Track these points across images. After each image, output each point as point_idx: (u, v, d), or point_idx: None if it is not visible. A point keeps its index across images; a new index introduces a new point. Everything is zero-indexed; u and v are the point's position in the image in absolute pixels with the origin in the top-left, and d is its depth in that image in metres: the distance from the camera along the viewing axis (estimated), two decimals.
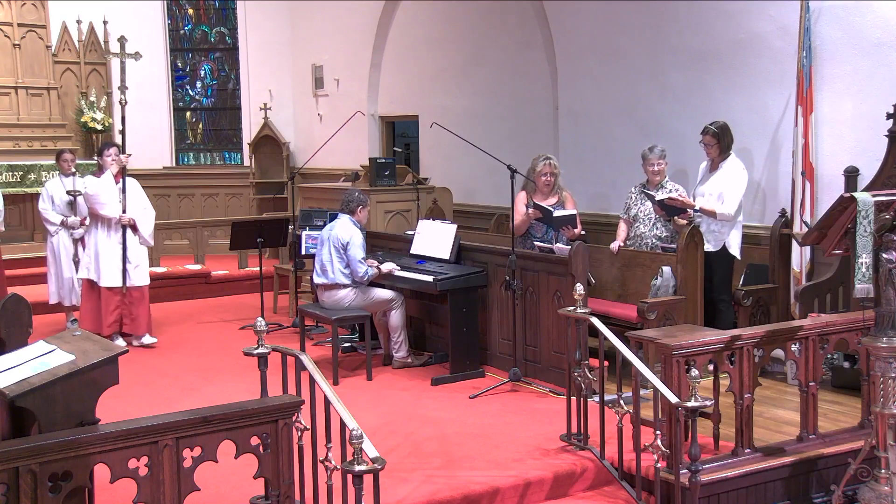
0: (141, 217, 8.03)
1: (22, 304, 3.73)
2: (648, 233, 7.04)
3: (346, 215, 7.12)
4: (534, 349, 6.67)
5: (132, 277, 7.97)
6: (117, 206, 7.88)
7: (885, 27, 6.40)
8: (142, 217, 8.04)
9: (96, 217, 7.95)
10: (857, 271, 4.14)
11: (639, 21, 8.29)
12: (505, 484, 4.74)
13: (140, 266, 8.05)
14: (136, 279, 7.99)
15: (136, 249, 8.01)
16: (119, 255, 7.89)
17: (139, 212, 8.03)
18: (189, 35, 14.42)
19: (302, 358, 4.44)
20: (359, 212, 7.16)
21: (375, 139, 12.31)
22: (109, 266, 7.88)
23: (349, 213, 7.12)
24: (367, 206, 7.31)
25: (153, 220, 8.22)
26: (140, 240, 8.04)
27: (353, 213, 7.12)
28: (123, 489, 3.51)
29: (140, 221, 8.01)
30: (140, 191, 8.18)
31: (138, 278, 8.02)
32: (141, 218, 8.03)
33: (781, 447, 4.99)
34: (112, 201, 7.87)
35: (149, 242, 8.15)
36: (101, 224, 7.94)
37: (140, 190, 8.19)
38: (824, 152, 6.77)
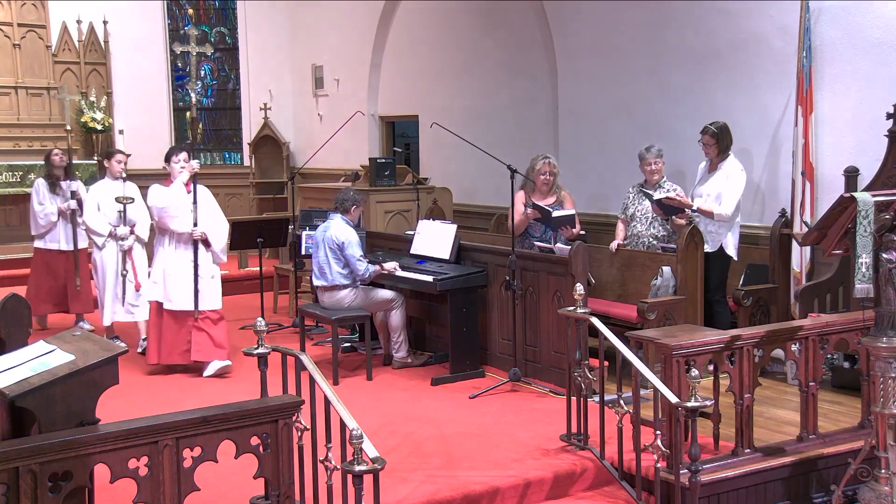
0: (213, 230, 7.09)
1: (22, 304, 3.72)
2: (645, 232, 7.04)
3: (339, 215, 7.10)
4: (534, 349, 6.67)
5: (206, 299, 7.00)
6: (189, 218, 6.95)
7: (885, 27, 6.40)
8: (214, 230, 7.11)
9: (164, 231, 7.03)
10: (857, 271, 4.13)
11: (639, 21, 8.29)
12: (505, 484, 4.74)
13: (214, 286, 7.10)
14: (210, 301, 7.03)
15: (208, 268, 7.06)
16: (190, 275, 6.95)
17: (211, 225, 7.10)
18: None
19: (302, 358, 4.44)
20: (352, 211, 7.12)
21: (375, 139, 12.31)
22: (180, 287, 6.95)
23: (343, 213, 7.10)
24: (361, 204, 7.28)
25: (227, 234, 7.39)
26: (213, 256, 7.12)
27: (346, 213, 7.10)
28: (123, 489, 3.51)
29: (212, 235, 7.06)
30: (212, 201, 7.24)
31: (213, 300, 7.06)
32: (213, 231, 7.09)
33: (781, 447, 4.99)
34: (183, 213, 6.95)
35: (222, 258, 7.21)
36: (169, 239, 7.02)
37: (212, 200, 7.26)
38: (824, 152, 6.77)
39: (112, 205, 7.68)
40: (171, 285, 6.95)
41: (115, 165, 7.84)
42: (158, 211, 6.96)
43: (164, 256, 7.02)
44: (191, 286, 6.92)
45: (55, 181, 8.68)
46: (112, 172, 7.83)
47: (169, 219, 6.95)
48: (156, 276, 7.08)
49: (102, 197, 7.77)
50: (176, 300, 6.95)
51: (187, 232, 6.95)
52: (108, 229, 7.68)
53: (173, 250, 7.00)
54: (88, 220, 7.78)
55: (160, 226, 7.04)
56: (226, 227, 7.35)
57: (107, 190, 7.79)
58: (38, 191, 8.71)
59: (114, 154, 7.97)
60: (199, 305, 6.94)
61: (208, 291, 7.00)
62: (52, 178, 8.71)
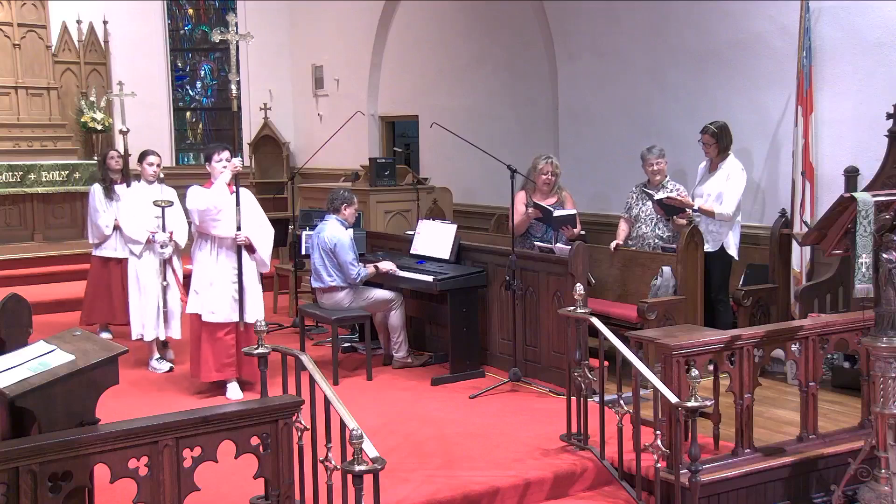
0: (257, 235, 6.50)
1: (22, 304, 3.72)
2: (650, 233, 7.04)
3: (333, 215, 7.07)
4: (534, 349, 6.67)
5: (250, 309, 6.43)
6: (232, 222, 6.34)
7: (885, 27, 6.40)
8: (258, 235, 6.51)
9: (205, 237, 6.43)
10: (857, 271, 4.14)
11: (639, 21, 8.29)
12: (505, 484, 4.74)
13: (258, 295, 6.54)
14: (254, 311, 6.43)
15: (252, 275, 6.50)
16: (233, 283, 6.38)
17: (255, 229, 6.51)
18: (189, 35, 14.42)
19: (302, 358, 4.44)
20: (344, 210, 7.07)
21: (375, 139, 12.31)
22: (223, 296, 6.36)
23: (335, 213, 7.07)
24: (353, 203, 7.18)
25: (272, 239, 6.70)
26: (257, 263, 6.54)
27: (338, 212, 7.06)
28: (123, 489, 3.51)
29: (256, 240, 6.46)
30: (255, 203, 6.67)
31: (257, 310, 6.47)
32: (257, 236, 6.49)
33: (781, 447, 4.99)
34: (226, 217, 6.33)
35: (266, 265, 6.61)
36: (211, 245, 6.42)
37: (255, 202, 6.68)
38: (824, 152, 6.77)
39: (149, 210, 7.12)
40: (212, 296, 6.35)
41: (147, 169, 7.31)
42: (200, 214, 6.29)
43: (205, 264, 6.41)
44: (234, 296, 6.35)
45: (110, 185, 8.25)
46: (145, 176, 7.32)
47: (211, 223, 6.34)
48: (196, 285, 6.44)
49: (138, 202, 7.22)
50: (219, 311, 6.34)
51: (230, 237, 6.35)
52: (145, 236, 7.07)
53: (215, 257, 6.40)
54: (125, 226, 7.24)
55: (201, 231, 6.41)
56: (271, 232, 6.67)
57: (142, 194, 7.28)
58: (95, 197, 8.23)
59: (146, 156, 7.41)
60: (245, 316, 6.37)
61: (253, 301, 6.45)
62: (107, 182, 8.27)
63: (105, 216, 8.14)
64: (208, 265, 6.40)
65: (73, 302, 9.75)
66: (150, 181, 7.32)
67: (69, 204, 12.02)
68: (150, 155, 7.41)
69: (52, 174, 11.77)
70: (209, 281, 6.37)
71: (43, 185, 11.73)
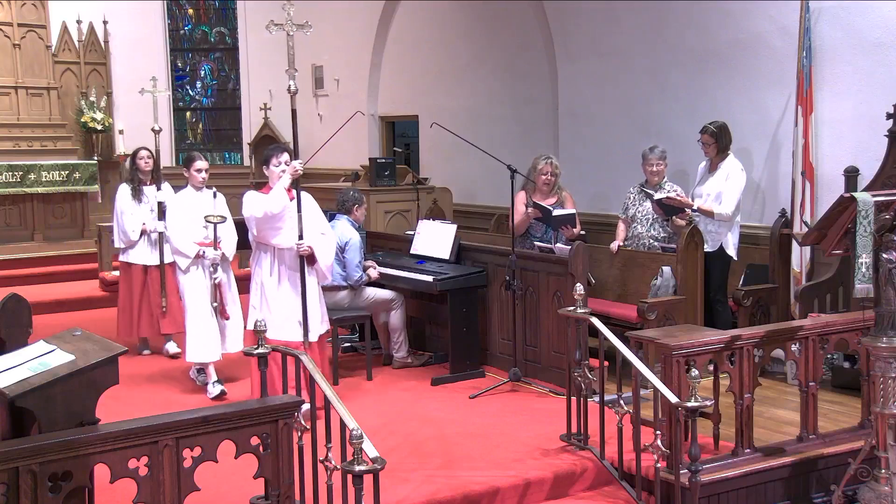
0: (319, 244, 5.91)
1: (22, 304, 3.72)
2: (646, 233, 7.04)
3: (344, 216, 7.10)
4: (534, 349, 6.67)
5: (314, 326, 5.87)
6: (293, 231, 5.79)
7: (885, 27, 6.40)
8: (320, 244, 5.92)
9: (264, 247, 5.89)
10: (857, 271, 4.13)
11: (639, 21, 8.29)
12: (505, 484, 4.74)
13: (321, 311, 6.03)
14: (318, 328, 5.91)
15: (315, 289, 5.95)
16: (296, 298, 5.82)
17: (317, 237, 5.93)
18: (189, 35, 14.42)
19: (302, 358, 4.44)
20: (355, 210, 7.11)
21: (375, 139, 12.32)
22: (284, 312, 5.82)
23: (346, 213, 7.10)
24: (364, 204, 7.25)
25: (333, 248, 6.18)
26: (318, 275, 6.00)
27: (349, 213, 7.09)
28: (123, 489, 3.51)
29: (319, 250, 5.88)
30: (317, 209, 6.12)
31: (321, 327, 5.96)
32: (319, 245, 5.91)
33: (781, 447, 4.99)
34: (288, 225, 5.81)
35: (328, 277, 6.13)
36: (271, 257, 5.87)
37: (317, 208, 6.13)
38: (824, 152, 6.77)
39: (198, 220, 6.52)
40: (273, 312, 5.80)
41: (195, 175, 6.63)
42: (258, 222, 5.75)
43: (264, 277, 5.86)
44: (297, 312, 5.80)
45: (138, 186, 7.72)
46: (193, 182, 6.65)
47: (270, 232, 5.80)
48: (254, 300, 5.90)
49: (187, 211, 6.60)
50: (282, 329, 5.78)
51: (291, 247, 5.81)
52: (194, 250, 6.48)
53: (275, 269, 5.85)
54: (174, 239, 6.57)
55: (259, 241, 5.86)
56: (334, 240, 6.17)
57: (192, 203, 6.63)
58: (122, 198, 7.70)
59: (192, 160, 6.68)
60: (309, 334, 5.82)
61: (316, 317, 5.92)
62: (135, 182, 7.72)
63: (132, 219, 7.64)
64: (267, 278, 5.86)
65: (73, 302, 9.79)
66: (199, 188, 6.67)
67: (69, 204, 12.02)
68: (198, 160, 6.70)
69: (52, 174, 11.77)
70: (269, 295, 5.83)
71: (43, 185, 11.73)
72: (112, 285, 10.16)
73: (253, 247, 5.97)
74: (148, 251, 7.67)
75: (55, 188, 11.83)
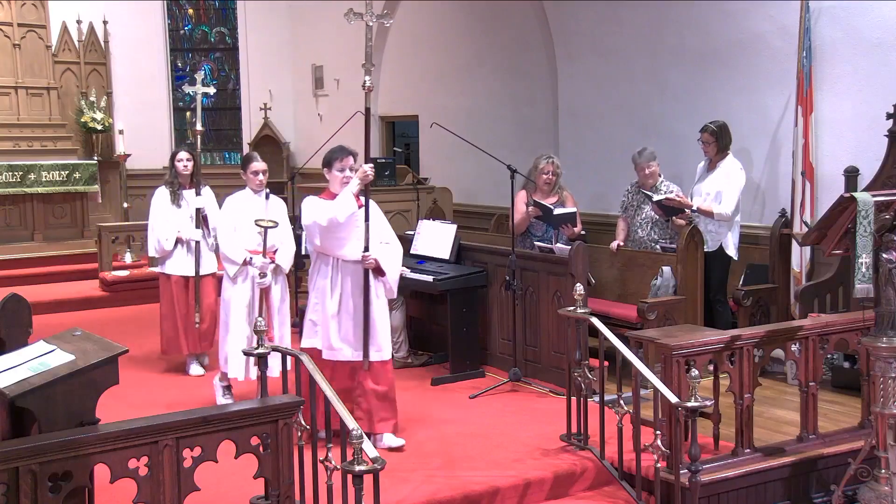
0: (385, 256, 5.34)
1: (22, 304, 3.73)
2: (646, 237, 7.05)
3: None
4: (534, 349, 6.67)
5: (378, 345, 5.31)
6: (360, 241, 5.21)
7: (885, 27, 6.40)
8: (386, 255, 5.35)
9: (325, 258, 5.33)
10: (857, 271, 4.14)
11: (639, 21, 8.29)
12: (505, 484, 4.74)
13: (387, 328, 5.41)
14: (383, 347, 5.35)
15: (381, 304, 5.37)
16: (359, 314, 5.25)
17: (383, 248, 5.36)
18: (189, 35, 14.42)
19: (302, 358, 4.44)
20: None
21: (375, 139, 12.31)
22: (346, 329, 5.29)
23: None
24: None
25: (400, 260, 5.53)
26: (384, 289, 5.37)
27: None
28: (123, 489, 3.51)
29: (385, 262, 5.31)
30: (383, 217, 5.56)
31: (386, 346, 5.37)
32: (386, 257, 5.33)
33: (781, 447, 4.99)
34: (354, 235, 5.24)
35: (394, 292, 5.45)
36: (333, 268, 5.31)
37: (382, 216, 5.56)
38: (824, 152, 6.77)
39: (251, 225, 6.02)
40: (334, 328, 5.29)
41: (252, 178, 6.15)
42: (321, 231, 5.20)
43: (325, 291, 5.32)
44: (359, 329, 5.26)
45: (178, 190, 7.11)
46: (250, 185, 6.17)
47: (334, 241, 5.26)
48: (313, 314, 5.36)
49: (241, 215, 6.09)
50: (343, 348, 5.30)
51: (356, 259, 5.26)
52: (242, 256, 6.00)
53: (337, 282, 5.29)
54: (222, 243, 6.10)
55: (321, 251, 5.31)
56: (400, 252, 5.50)
57: (245, 206, 6.13)
58: (157, 202, 7.09)
59: (250, 161, 6.21)
60: (371, 354, 5.29)
61: (382, 335, 5.34)
62: (175, 186, 7.11)
63: (166, 227, 6.99)
64: (328, 292, 5.30)
65: (73, 302, 9.79)
66: (257, 191, 6.17)
67: (69, 204, 12.01)
68: (255, 161, 6.20)
69: (52, 174, 11.76)
70: (330, 310, 5.29)
71: (43, 185, 11.72)
72: (112, 285, 10.18)
73: (313, 257, 5.40)
74: (188, 260, 7.03)
75: (55, 188, 11.82)
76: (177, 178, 7.15)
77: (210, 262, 7.11)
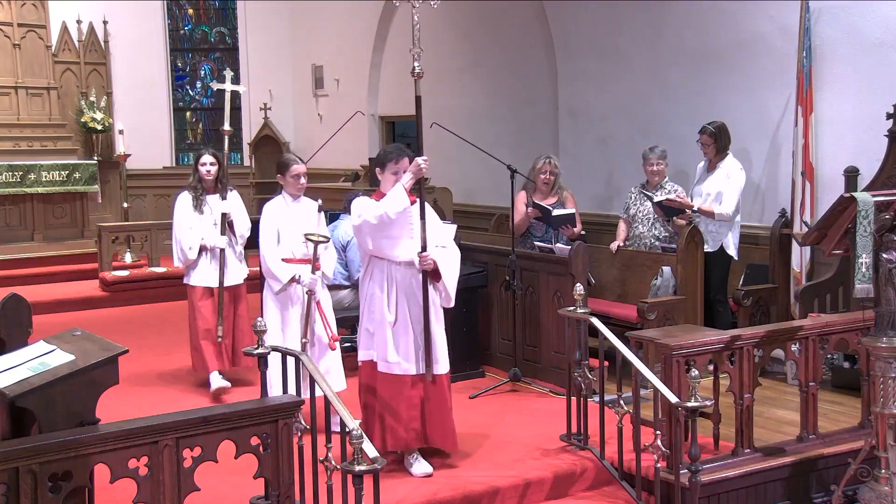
0: (443, 258, 4.88)
1: (22, 304, 3.72)
2: (647, 233, 7.05)
3: (348, 216, 7.08)
4: (534, 349, 6.67)
5: (439, 357, 4.92)
6: (415, 241, 4.81)
7: (885, 27, 6.40)
8: (444, 258, 4.89)
9: (377, 261, 4.89)
10: (857, 271, 4.13)
11: (639, 21, 8.29)
12: (505, 484, 4.74)
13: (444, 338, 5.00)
14: (443, 360, 4.97)
15: (439, 312, 5.00)
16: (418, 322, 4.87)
17: (439, 250, 4.91)
18: (189, 35, 14.43)
19: (302, 358, 4.44)
20: None
21: (375, 139, 12.31)
22: (404, 339, 4.87)
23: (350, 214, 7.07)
24: None
25: (458, 265, 5.04)
26: (442, 296, 4.94)
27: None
28: (123, 489, 3.51)
29: (444, 265, 4.86)
30: (437, 218, 5.17)
31: (445, 358, 4.99)
32: (445, 260, 4.89)
33: (781, 447, 4.99)
34: (406, 233, 4.85)
35: (451, 300, 4.97)
36: (387, 271, 4.87)
37: (437, 217, 5.17)
38: (824, 152, 6.77)
39: (296, 235, 5.65)
40: (391, 338, 4.86)
41: (293, 183, 5.74)
42: (371, 231, 4.78)
43: (378, 297, 4.88)
44: (419, 340, 4.88)
45: (202, 195, 6.56)
46: (290, 190, 5.78)
47: (387, 241, 4.83)
48: (368, 323, 4.95)
49: (283, 224, 5.69)
50: (402, 359, 4.87)
51: (411, 259, 4.84)
52: (288, 274, 5.59)
53: (393, 288, 4.87)
54: (265, 257, 5.62)
55: (374, 254, 4.87)
56: (458, 257, 5.05)
57: (287, 214, 5.73)
58: (180, 209, 6.56)
59: (289, 164, 5.77)
60: (435, 367, 4.89)
61: (441, 347, 4.96)
62: (199, 191, 6.55)
63: (190, 235, 6.47)
64: (384, 299, 4.87)
65: (73, 302, 9.79)
66: (296, 196, 5.78)
67: (69, 204, 12.01)
68: (296, 163, 5.77)
69: (52, 174, 11.77)
70: (386, 318, 4.86)
71: (43, 185, 11.72)
72: (112, 285, 10.18)
73: (364, 260, 4.99)
74: (214, 270, 6.52)
75: (55, 188, 11.82)
76: (200, 182, 6.57)
77: (236, 272, 6.62)
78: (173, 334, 8.58)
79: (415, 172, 4.83)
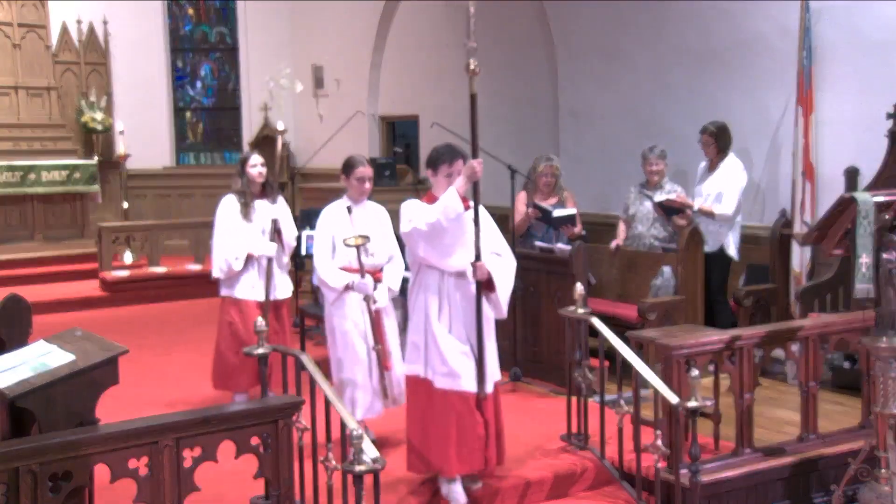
0: (497, 268, 4.60)
1: (22, 305, 3.72)
2: (647, 233, 7.05)
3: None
4: (534, 349, 6.67)
5: (491, 372, 4.64)
6: (468, 249, 4.50)
7: (885, 27, 6.40)
8: (499, 268, 4.61)
9: (428, 270, 4.60)
10: (857, 271, 4.14)
11: (640, 21, 8.29)
12: (505, 484, 4.74)
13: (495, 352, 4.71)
14: (495, 375, 4.71)
15: (491, 325, 4.68)
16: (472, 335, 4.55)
17: (494, 259, 4.63)
18: (189, 35, 14.42)
19: (302, 358, 4.44)
20: None
21: (375, 139, 12.31)
22: (457, 352, 4.52)
23: None
24: None
25: (513, 275, 4.73)
26: (495, 308, 4.65)
27: None
28: (123, 489, 3.51)
29: (497, 275, 4.58)
30: (493, 224, 4.82)
31: (497, 373, 4.73)
32: (499, 269, 4.61)
33: (782, 447, 4.99)
34: (460, 241, 4.53)
35: (503, 312, 4.68)
36: (439, 281, 4.58)
37: (493, 223, 4.83)
38: (824, 152, 6.77)
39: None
40: (444, 352, 4.52)
41: (356, 186, 5.33)
42: (423, 237, 4.46)
43: (431, 308, 4.58)
44: (472, 354, 4.54)
45: (250, 201, 6.05)
46: (352, 193, 5.37)
47: (440, 250, 4.52)
48: (415, 335, 4.64)
49: (339, 231, 5.27)
50: (455, 374, 4.51)
51: (463, 269, 4.53)
52: (344, 281, 5.19)
53: (445, 299, 4.58)
54: (320, 268, 5.25)
55: (424, 262, 4.58)
56: (514, 266, 4.74)
57: (346, 220, 5.31)
58: (224, 214, 6.03)
59: (354, 166, 5.35)
60: (489, 383, 4.60)
61: (493, 361, 4.67)
62: (247, 196, 6.04)
63: (235, 244, 5.96)
64: (435, 310, 4.57)
65: (73, 302, 9.79)
66: (358, 200, 5.37)
67: (69, 204, 12.00)
68: (362, 166, 5.34)
69: (52, 174, 11.75)
70: (438, 332, 4.55)
71: (43, 185, 11.71)
72: (112, 285, 10.18)
73: (412, 269, 4.69)
74: (261, 283, 6.05)
75: (55, 188, 11.80)
76: (249, 186, 6.04)
77: (284, 285, 6.17)
78: (173, 334, 8.59)
79: (469, 176, 4.49)
